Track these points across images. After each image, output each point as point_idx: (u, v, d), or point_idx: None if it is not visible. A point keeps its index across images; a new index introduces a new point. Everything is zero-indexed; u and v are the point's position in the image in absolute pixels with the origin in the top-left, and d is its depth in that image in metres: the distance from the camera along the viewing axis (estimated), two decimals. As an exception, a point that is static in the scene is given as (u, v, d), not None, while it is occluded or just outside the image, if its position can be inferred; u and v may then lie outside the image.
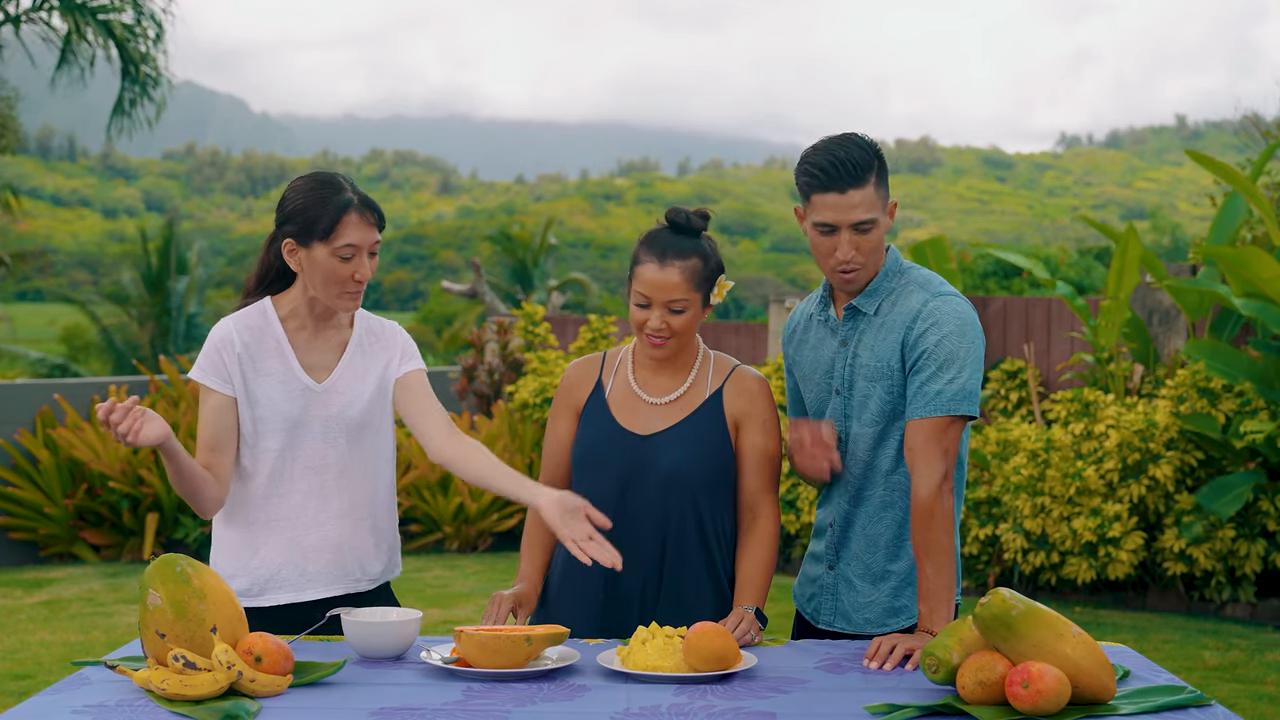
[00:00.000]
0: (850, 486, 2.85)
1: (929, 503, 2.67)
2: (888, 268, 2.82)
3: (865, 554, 2.85)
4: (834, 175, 2.70)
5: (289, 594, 2.87)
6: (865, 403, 2.80)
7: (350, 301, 2.84)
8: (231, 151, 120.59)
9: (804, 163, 2.76)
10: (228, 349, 2.84)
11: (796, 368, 2.97)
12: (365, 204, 2.82)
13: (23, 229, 28.80)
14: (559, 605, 2.92)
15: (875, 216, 2.73)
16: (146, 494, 9.22)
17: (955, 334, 2.72)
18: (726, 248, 65.98)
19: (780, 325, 10.81)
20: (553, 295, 21.03)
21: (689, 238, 2.82)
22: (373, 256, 2.83)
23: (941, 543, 2.67)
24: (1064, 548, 7.55)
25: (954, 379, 2.70)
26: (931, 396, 2.70)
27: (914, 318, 2.75)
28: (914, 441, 2.71)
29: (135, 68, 13.06)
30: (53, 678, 5.94)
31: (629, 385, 2.92)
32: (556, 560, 2.97)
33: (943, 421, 2.69)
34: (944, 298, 2.77)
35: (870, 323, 2.81)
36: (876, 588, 2.85)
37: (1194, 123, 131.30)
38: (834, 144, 2.74)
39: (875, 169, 2.73)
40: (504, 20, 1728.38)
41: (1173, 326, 8.76)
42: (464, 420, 10.33)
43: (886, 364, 2.77)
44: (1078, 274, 19.79)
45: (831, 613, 2.90)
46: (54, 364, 21.38)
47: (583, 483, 2.90)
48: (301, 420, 2.86)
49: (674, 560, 2.86)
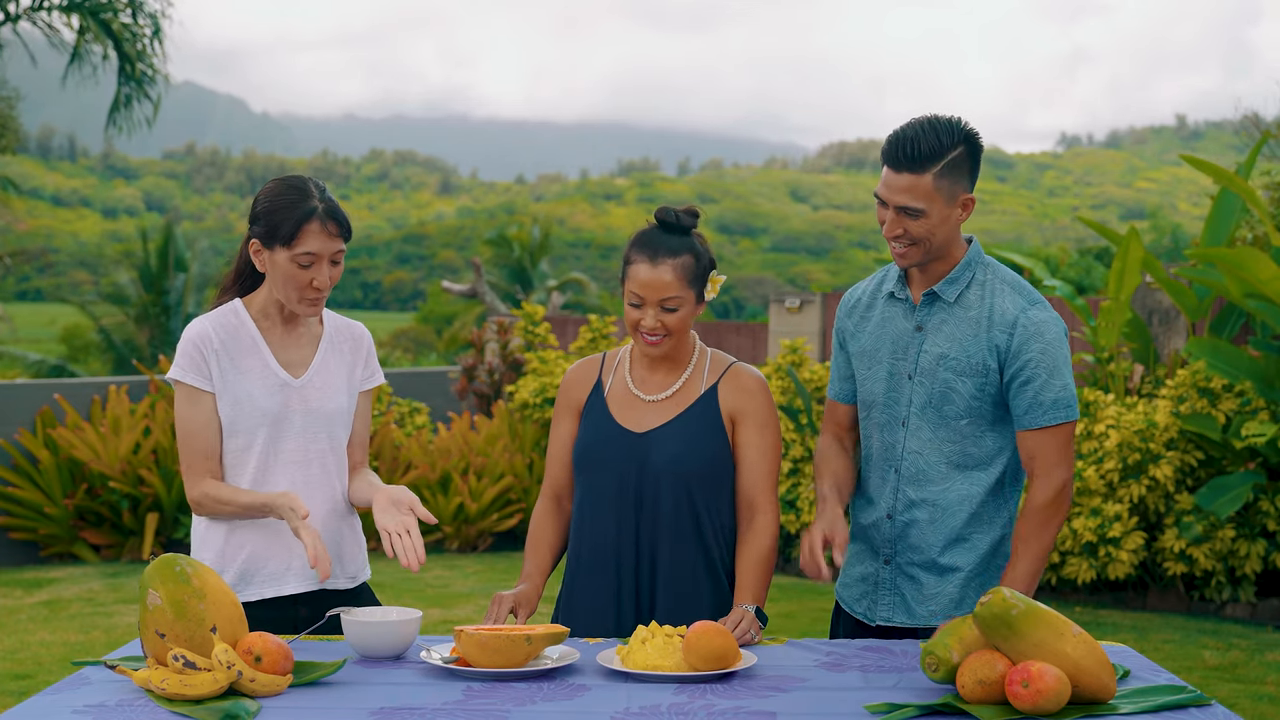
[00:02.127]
0: (915, 478, 2.81)
1: (1049, 508, 2.75)
2: (970, 258, 2.80)
3: (934, 547, 2.82)
4: (894, 153, 2.68)
5: (271, 588, 2.87)
6: (948, 394, 2.78)
7: (310, 308, 2.86)
8: (231, 151, 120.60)
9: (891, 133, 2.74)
10: (206, 346, 2.85)
11: (854, 342, 2.93)
12: (330, 214, 2.82)
13: (23, 229, 28.80)
14: (576, 606, 2.92)
15: (923, 207, 2.68)
16: (146, 494, 9.22)
17: (1056, 342, 2.76)
18: (726, 248, 65.99)
19: (780, 325, 10.82)
20: (553, 295, 21.05)
21: (679, 235, 2.83)
22: (335, 265, 2.84)
23: (1047, 542, 2.75)
24: (1064, 548, 7.55)
25: (1066, 385, 2.76)
26: (1049, 405, 2.75)
27: (1013, 325, 2.75)
28: (1037, 449, 2.76)
29: (132, 66, 13.06)
30: (53, 678, 5.93)
31: (626, 384, 2.93)
32: (570, 563, 2.96)
33: (1066, 428, 2.76)
34: (1040, 306, 2.79)
35: (950, 312, 2.79)
36: (944, 579, 2.82)
37: (1194, 122, 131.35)
38: (919, 123, 2.69)
39: (948, 160, 2.67)
40: (504, 20, 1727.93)
41: (1173, 326, 8.76)
42: (464, 420, 10.33)
43: (981, 362, 2.76)
44: (1078, 274, 19.80)
45: (890, 607, 2.86)
46: (54, 364, 21.38)
47: (583, 481, 2.91)
48: (283, 415, 2.87)
49: (672, 556, 2.85)
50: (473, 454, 9.95)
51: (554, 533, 2.97)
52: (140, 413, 9.45)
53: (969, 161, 2.71)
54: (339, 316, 3.04)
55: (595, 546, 2.89)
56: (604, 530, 2.87)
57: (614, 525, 2.86)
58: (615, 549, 2.87)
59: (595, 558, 2.89)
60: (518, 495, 9.97)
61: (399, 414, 10.58)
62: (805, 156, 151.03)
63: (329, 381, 2.93)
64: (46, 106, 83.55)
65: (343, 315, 3.10)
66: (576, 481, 2.94)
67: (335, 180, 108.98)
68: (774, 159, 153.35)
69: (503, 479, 9.84)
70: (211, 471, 2.85)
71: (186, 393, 2.86)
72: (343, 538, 2.96)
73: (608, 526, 2.87)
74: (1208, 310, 8.22)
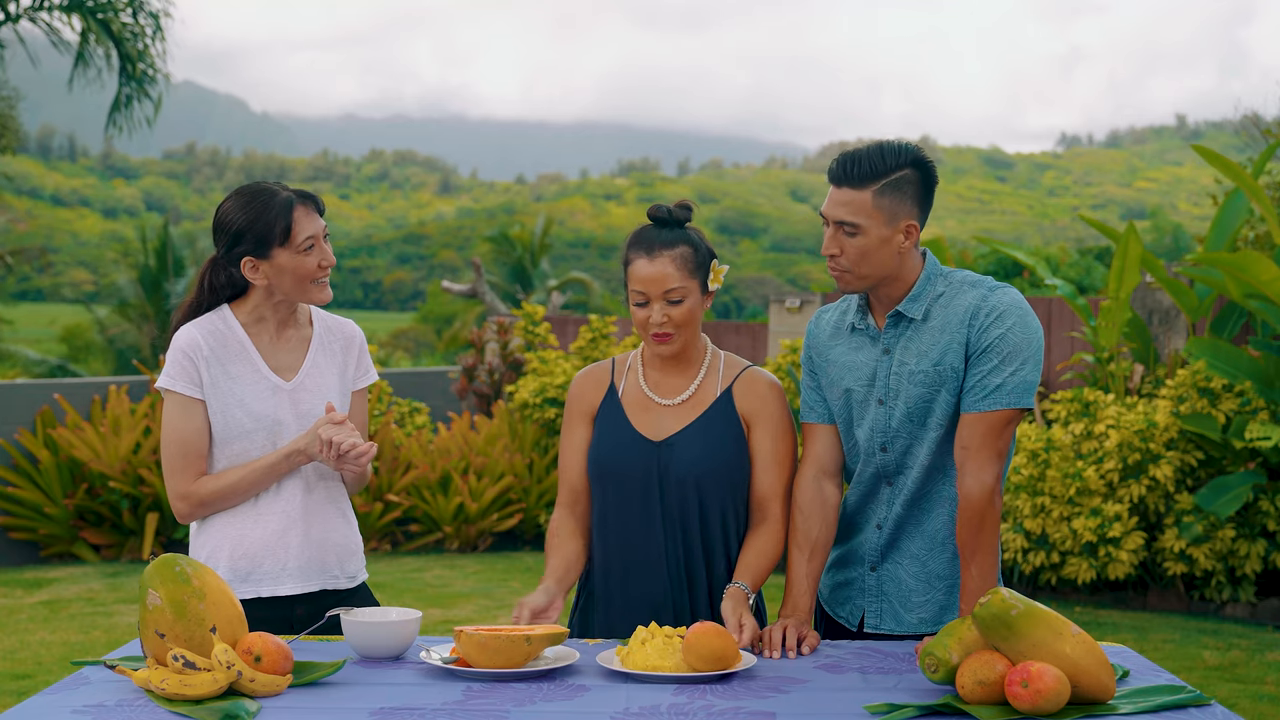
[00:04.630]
0: (905, 489, 2.77)
1: (981, 503, 2.63)
2: (928, 272, 2.74)
3: (924, 554, 2.79)
4: (835, 169, 2.67)
5: (267, 587, 2.87)
6: (927, 409, 2.71)
7: (323, 291, 2.88)
8: (231, 151, 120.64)
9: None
10: (196, 353, 2.85)
11: (823, 375, 2.87)
12: (303, 196, 2.87)
13: (23, 229, 28.79)
14: (605, 616, 2.90)
15: (859, 223, 2.63)
16: (146, 494, 9.22)
17: (1018, 326, 2.66)
18: (726, 248, 65.97)
19: (780, 325, 10.81)
20: (553, 295, 21.03)
21: (674, 229, 2.82)
22: (327, 240, 2.88)
23: (990, 544, 2.64)
24: (1064, 548, 7.55)
25: (1015, 372, 2.64)
26: (990, 390, 2.65)
27: (973, 313, 2.68)
28: (968, 438, 2.65)
29: (133, 65, 13.06)
30: (53, 678, 5.94)
31: (640, 387, 2.90)
32: (595, 574, 2.93)
33: (1001, 416, 2.64)
34: (1001, 290, 2.71)
35: (918, 329, 2.73)
36: (932, 586, 2.79)
37: (1194, 122, 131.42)
38: (869, 144, 2.68)
39: (891, 180, 2.63)
40: (503, 20, 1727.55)
41: (1173, 326, 8.76)
42: (464, 420, 10.33)
43: (949, 367, 2.69)
44: (1078, 274, 19.80)
45: (878, 615, 2.83)
46: (54, 364, 21.38)
47: (603, 490, 2.87)
48: (277, 419, 2.87)
49: (699, 563, 2.84)
50: (473, 454, 9.95)
51: (574, 544, 2.91)
52: (140, 413, 9.45)
53: (916, 187, 2.67)
54: (329, 315, 3.04)
55: (626, 559, 2.85)
56: (634, 541, 2.84)
57: (642, 535, 2.84)
58: (646, 560, 2.83)
59: (627, 570, 2.85)
60: (518, 495, 9.97)
61: (399, 414, 10.58)
62: (805, 156, 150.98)
63: (320, 383, 2.93)
64: (46, 106, 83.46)
65: (339, 314, 3.10)
66: (595, 490, 2.90)
67: (335, 180, 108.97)
68: (774, 159, 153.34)
69: (503, 479, 9.84)
70: (202, 474, 2.86)
71: (177, 401, 2.86)
72: (341, 538, 2.96)
73: (636, 537, 2.84)
74: (1208, 310, 8.22)
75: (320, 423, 2.81)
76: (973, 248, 21.57)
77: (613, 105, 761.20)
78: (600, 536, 2.89)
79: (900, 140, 2.70)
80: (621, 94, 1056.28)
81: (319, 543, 2.92)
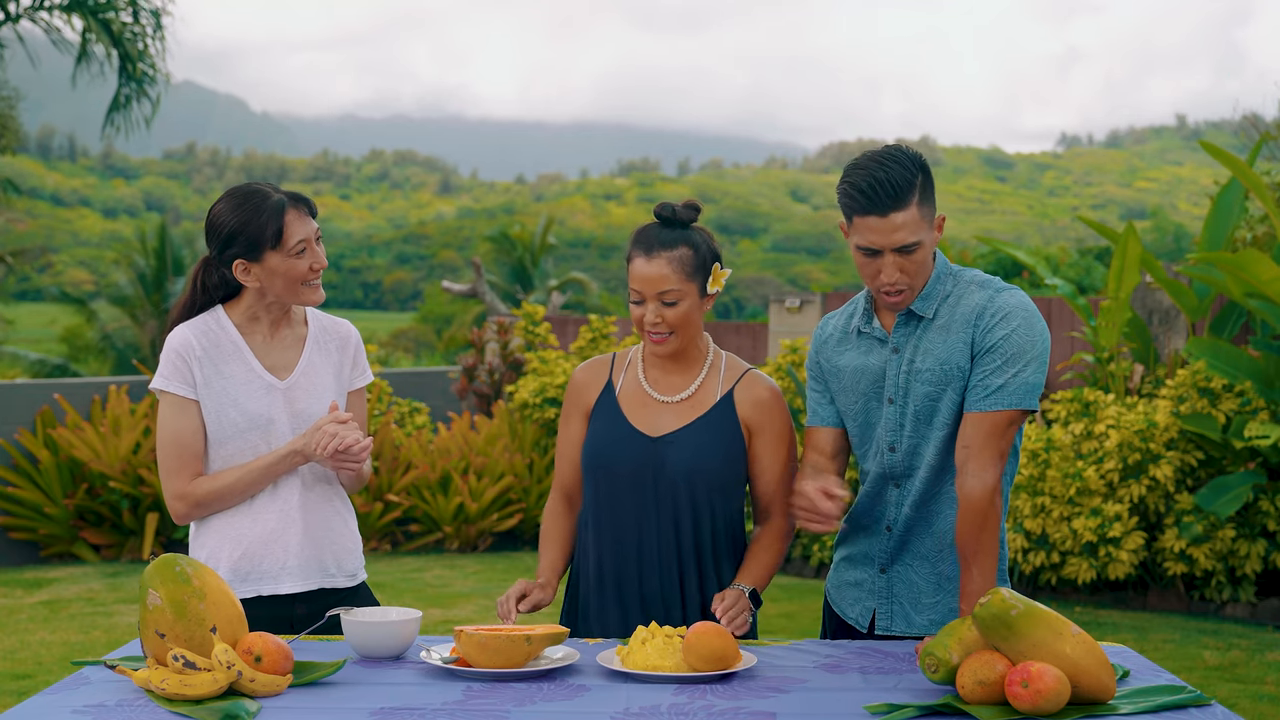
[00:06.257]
0: (913, 491, 2.77)
1: (982, 504, 2.62)
2: (939, 271, 2.75)
3: (934, 555, 2.79)
4: (874, 198, 2.61)
5: (267, 586, 2.88)
6: (933, 408, 2.72)
7: (315, 292, 2.88)
8: (232, 151, 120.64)
9: (844, 182, 2.66)
10: (189, 353, 2.85)
11: (833, 379, 2.86)
12: (295, 199, 2.86)
13: (23, 229, 28.78)
14: (594, 611, 2.89)
15: (920, 238, 2.64)
16: (146, 494, 9.22)
17: (1023, 327, 2.67)
18: (726, 248, 65.89)
19: (780, 325, 10.81)
20: (553, 295, 21.03)
21: (677, 229, 2.81)
22: (319, 242, 2.87)
23: (991, 546, 2.63)
24: (1064, 548, 7.55)
25: (1019, 373, 2.65)
26: (993, 390, 2.65)
27: (979, 314, 2.69)
28: (970, 438, 2.65)
29: (133, 65, 13.06)
30: (53, 678, 5.94)
31: (639, 384, 2.90)
32: (583, 570, 2.93)
33: (1003, 417, 2.64)
34: (1008, 291, 2.72)
35: (928, 327, 2.73)
36: (943, 588, 2.79)
37: (1194, 123, 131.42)
38: (875, 162, 2.64)
39: (918, 186, 2.64)
40: (502, 20, 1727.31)
41: (1173, 326, 8.76)
42: (464, 420, 10.33)
43: (956, 366, 2.70)
44: (1078, 274, 19.81)
45: (888, 616, 2.83)
46: (54, 364, 21.37)
47: (595, 484, 2.87)
48: (273, 419, 2.87)
49: (691, 560, 2.84)
50: (473, 454, 9.95)
51: (567, 531, 2.96)
52: (140, 413, 9.45)
53: (929, 182, 2.70)
54: (325, 316, 3.04)
55: (616, 554, 2.85)
56: (624, 538, 2.84)
57: (634, 530, 2.83)
58: (638, 557, 2.83)
59: (617, 565, 2.85)
60: (518, 495, 9.97)
61: (399, 414, 10.58)
62: (805, 156, 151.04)
63: (315, 382, 2.93)
64: (46, 106, 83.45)
65: (338, 315, 3.09)
66: (587, 483, 2.90)
67: (335, 180, 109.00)
68: (774, 159, 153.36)
69: (503, 479, 9.84)
70: (198, 474, 2.86)
71: (172, 401, 2.86)
72: (339, 535, 2.96)
73: (627, 532, 2.84)
74: (1208, 310, 8.22)
75: (322, 421, 2.81)
76: (973, 247, 21.58)
77: (612, 105, 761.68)
78: (592, 530, 2.89)
79: (895, 146, 2.70)
80: (621, 94, 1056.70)
81: (318, 540, 2.91)
